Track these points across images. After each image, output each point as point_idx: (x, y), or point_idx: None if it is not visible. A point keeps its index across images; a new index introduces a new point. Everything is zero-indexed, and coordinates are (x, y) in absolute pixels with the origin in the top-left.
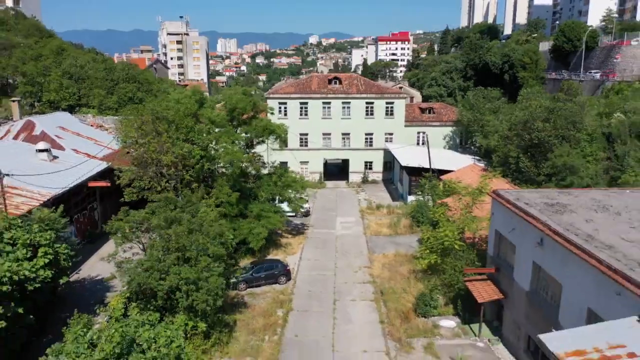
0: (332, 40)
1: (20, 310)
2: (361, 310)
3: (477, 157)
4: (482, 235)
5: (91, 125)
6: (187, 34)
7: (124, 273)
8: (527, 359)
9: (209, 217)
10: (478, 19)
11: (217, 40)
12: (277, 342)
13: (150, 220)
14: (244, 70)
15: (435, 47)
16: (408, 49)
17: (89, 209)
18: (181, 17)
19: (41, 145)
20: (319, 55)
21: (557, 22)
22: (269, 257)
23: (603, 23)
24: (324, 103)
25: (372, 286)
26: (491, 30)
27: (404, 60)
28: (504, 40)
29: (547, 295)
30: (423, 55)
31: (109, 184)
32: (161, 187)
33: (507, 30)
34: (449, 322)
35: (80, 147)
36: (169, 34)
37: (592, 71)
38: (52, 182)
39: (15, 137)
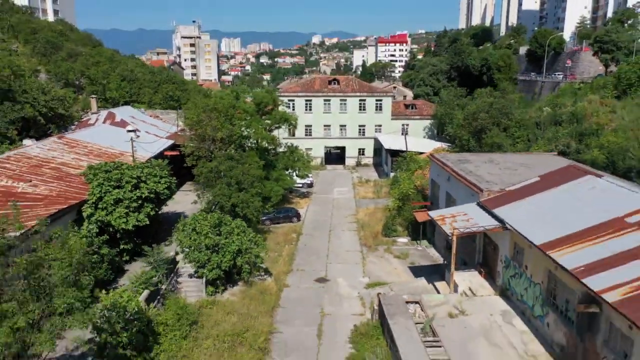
0: (335, 40)
1: (157, 209)
2: (347, 234)
3: (448, 144)
4: (427, 187)
5: (149, 116)
6: (199, 37)
7: (204, 197)
8: (444, 252)
9: (251, 169)
10: (476, 21)
11: (221, 39)
12: (293, 247)
13: (219, 167)
14: (248, 70)
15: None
16: (406, 50)
17: None
18: (194, 21)
19: (130, 127)
20: (322, 55)
21: (544, 26)
22: None
23: (578, 29)
24: (324, 100)
25: (355, 224)
26: (485, 33)
27: (401, 61)
28: (496, 42)
29: None
30: (420, 57)
31: (178, 153)
32: (213, 156)
33: (503, 33)
34: (403, 239)
35: (149, 130)
36: (182, 37)
37: (557, 73)
38: (142, 151)
39: (104, 123)
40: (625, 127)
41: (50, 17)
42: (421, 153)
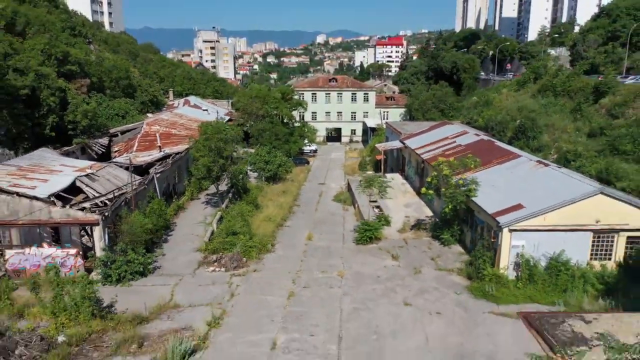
0: (339, 40)
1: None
2: (337, 171)
3: None
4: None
5: (208, 102)
6: (217, 41)
7: (258, 142)
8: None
9: (282, 129)
10: (471, 23)
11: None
12: (306, 174)
13: (265, 127)
14: (256, 69)
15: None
16: (402, 52)
17: None
18: (213, 27)
19: (204, 107)
20: (326, 55)
21: (520, 32)
22: None
23: (540, 36)
24: (326, 94)
25: (343, 167)
26: (474, 36)
27: (397, 61)
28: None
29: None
30: (415, 57)
31: (232, 123)
32: (256, 124)
33: None
34: (370, 172)
35: (212, 110)
36: (204, 40)
37: (509, 73)
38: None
39: (184, 105)
40: (503, 107)
41: (107, 27)
42: None
